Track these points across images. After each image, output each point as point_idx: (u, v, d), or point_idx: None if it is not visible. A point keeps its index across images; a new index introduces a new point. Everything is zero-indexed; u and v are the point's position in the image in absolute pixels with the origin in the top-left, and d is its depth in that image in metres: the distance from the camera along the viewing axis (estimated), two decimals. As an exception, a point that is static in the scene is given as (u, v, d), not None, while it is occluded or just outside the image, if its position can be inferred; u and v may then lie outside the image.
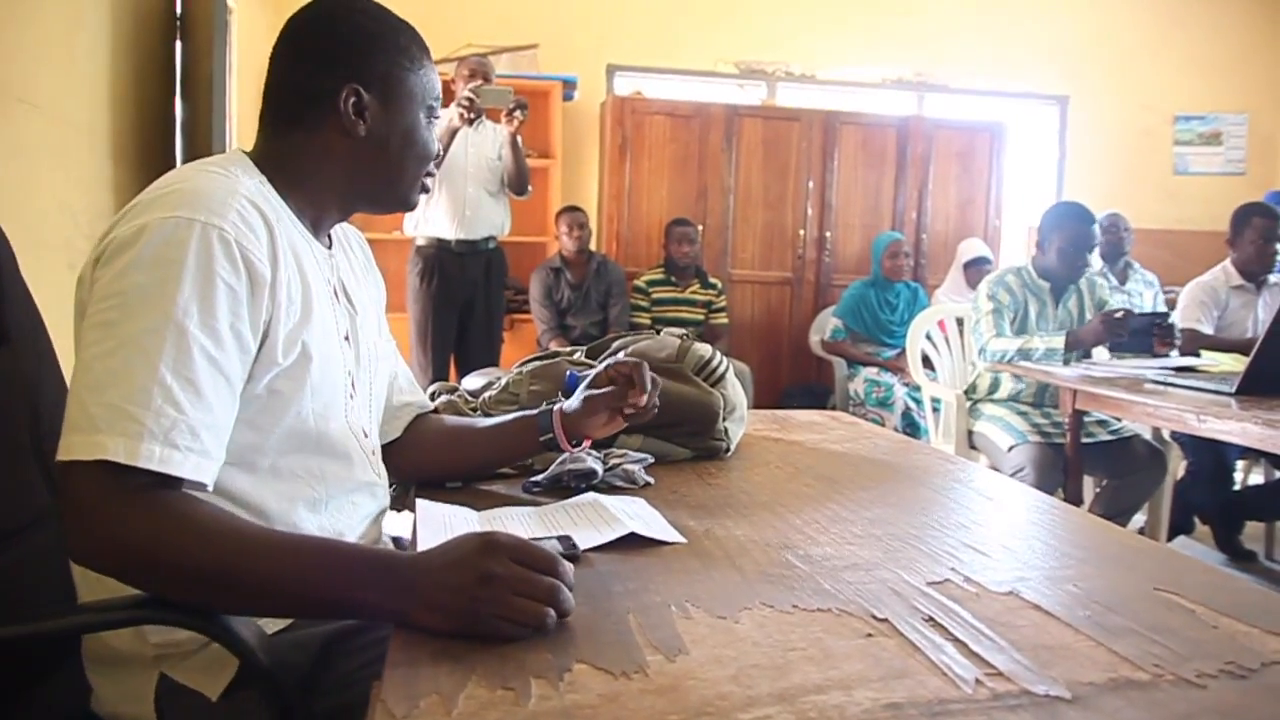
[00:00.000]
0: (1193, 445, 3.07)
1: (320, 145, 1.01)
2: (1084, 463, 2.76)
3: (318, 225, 1.04)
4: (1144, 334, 2.88)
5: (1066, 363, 2.84)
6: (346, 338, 1.04)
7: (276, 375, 0.91)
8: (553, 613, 0.70)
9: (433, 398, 1.45)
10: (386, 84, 1.01)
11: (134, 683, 0.92)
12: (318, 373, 0.95)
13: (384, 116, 1.02)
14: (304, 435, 0.96)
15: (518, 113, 3.55)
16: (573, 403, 1.18)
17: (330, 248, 1.07)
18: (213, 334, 0.82)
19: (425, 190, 1.10)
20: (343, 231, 1.17)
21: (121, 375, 0.78)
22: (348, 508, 1.03)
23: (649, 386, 1.15)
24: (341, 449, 1.01)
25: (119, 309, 0.80)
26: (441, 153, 3.55)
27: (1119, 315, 2.80)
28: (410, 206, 1.11)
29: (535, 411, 1.20)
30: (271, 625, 0.92)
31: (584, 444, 1.19)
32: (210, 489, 0.82)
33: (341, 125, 1.00)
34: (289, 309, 0.92)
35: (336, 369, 1.00)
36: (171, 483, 0.79)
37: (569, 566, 0.75)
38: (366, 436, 1.08)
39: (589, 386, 1.19)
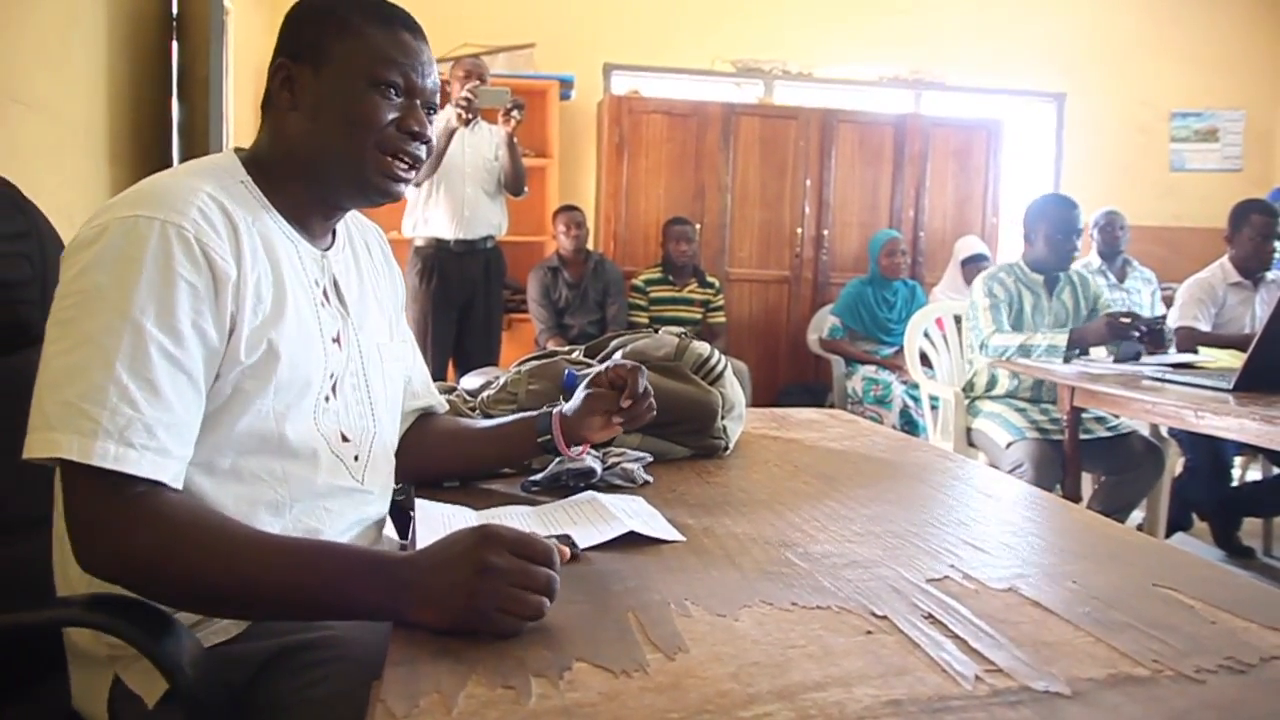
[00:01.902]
0: (1190, 442, 3.07)
1: (270, 129, 1.00)
2: (1082, 459, 2.77)
3: (306, 222, 1.01)
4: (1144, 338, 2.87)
5: (1066, 360, 2.84)
6: (336, 340, 1.01)
7: (241, 372, 0.89)
8: (548, 603, 0.71)
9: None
10: (315, 52, 0.97)
11: (95, 681, 0.92)
12: (285, 372, 0.92)
13: (314, 85, 0.97)
14: (264, 435, 0.92)
15: (515, 113, 3.56)
16: (571, 405, 1.17)
17: (330, 247, 1.05)
18: (172, 332, 0.82)
19: (400, 176, 0.99)
20: (359, 229, 1.15)
21: (78, 373, 0.78)
22: (319, 513, 0.99)
23: (639, 391, 1.14)
24: (305, 451, 0.96)
25: (78, 307, 0.81)
26: (444, 143, 3.57)
27: (1125, 319, 2.79)
28: (380, 190, 0.99)
29: (534, 414, 1.19)
30: (214, 637, 0.91)
31: (583, 448, 1.18)
32: (178, 487, 0.82)
33: (281, 104, 0.98)
34: (256, 307, 0.90)
35: (313, 370, 0.97)
36: (162, 488, 0.79)
37: (558, 557, 0.75)
38: (346, 441, 1.01)
39: (588, 388, 1.17)
